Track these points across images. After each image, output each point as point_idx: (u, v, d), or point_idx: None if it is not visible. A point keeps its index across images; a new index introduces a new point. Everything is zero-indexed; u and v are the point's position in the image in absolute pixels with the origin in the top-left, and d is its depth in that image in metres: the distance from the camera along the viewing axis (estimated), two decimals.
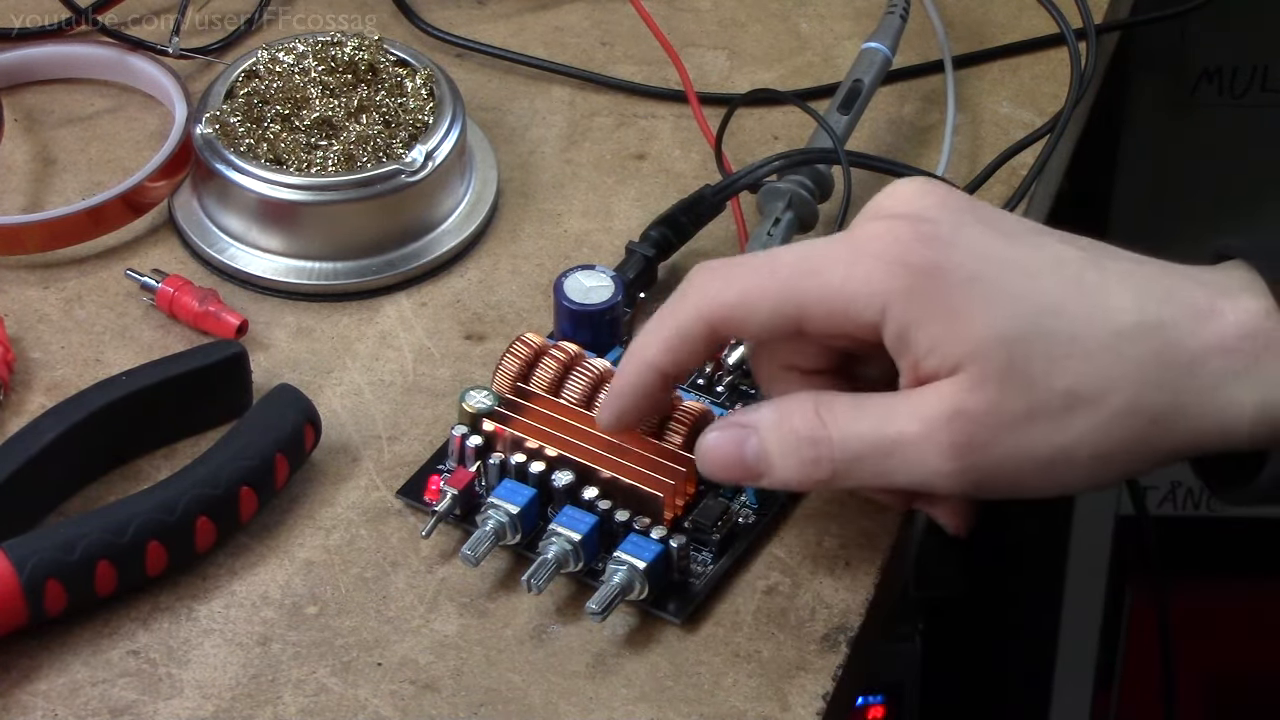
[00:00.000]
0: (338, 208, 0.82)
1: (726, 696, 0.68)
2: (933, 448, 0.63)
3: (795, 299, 0.64)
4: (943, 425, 0.63)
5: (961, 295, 0.63)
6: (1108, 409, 0.62)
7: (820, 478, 0.65)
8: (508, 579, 0.72)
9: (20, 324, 0.81)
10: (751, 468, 0.67)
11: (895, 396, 0.64)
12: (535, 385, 0.74)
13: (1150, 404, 0.63)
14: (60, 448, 0.73)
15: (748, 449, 0.66)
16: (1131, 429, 0.63)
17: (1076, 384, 0.62)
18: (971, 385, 0.62)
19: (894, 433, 0.64)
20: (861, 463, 0.65)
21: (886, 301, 0.63)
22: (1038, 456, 0.63)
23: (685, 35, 0.95)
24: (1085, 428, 0.63)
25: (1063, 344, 0.63)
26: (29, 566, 0.68)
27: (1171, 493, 1.43)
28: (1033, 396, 0.62)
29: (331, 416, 0.77)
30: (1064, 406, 0.62)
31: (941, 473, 0.64)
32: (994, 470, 0.63)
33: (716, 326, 0.66)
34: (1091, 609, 1.45)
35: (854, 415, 0.65)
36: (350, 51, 0.85)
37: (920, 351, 0.63)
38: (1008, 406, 0.62)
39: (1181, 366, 0.63)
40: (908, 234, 0.63)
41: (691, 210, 0.82)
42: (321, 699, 0.68)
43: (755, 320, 0.65)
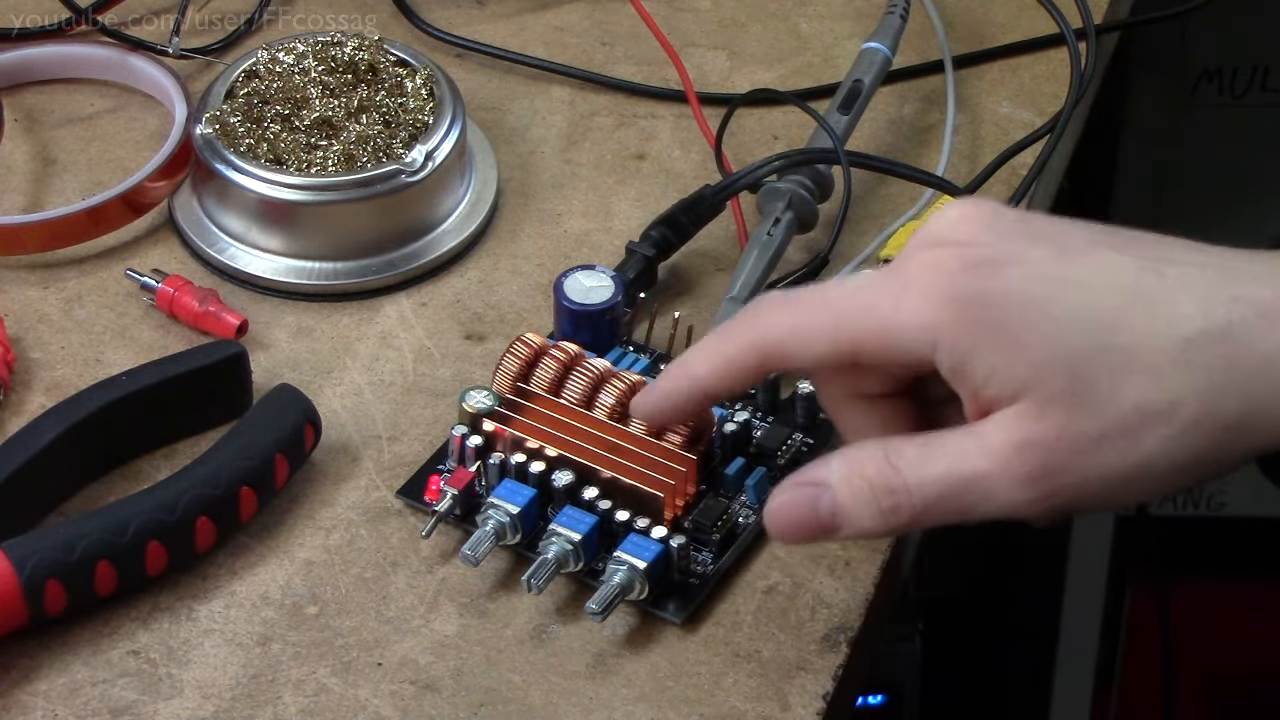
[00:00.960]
0: (338, 208, 0.82)
1: (726, 696, 0.68)
2: (1008, 481, 0.62)
3: (849, 335, 0.64)
4: (1014, 456, 0.62)
5: (1015, 321, 0.62)
6: (1180, 422, 0.61)
7: (899, 524, 0.64)
8: (508, 579, 0.72)
9: (20, 324, 0.81)
10: (827, 525, 0.65)
11: (964, 433, 0.63)
12: (535, 385, 0.74)
13: (1224, 412, 0.61)
14: (60, 448, 0.73)
15: (821, 507, 0.65)
16: (1208, 438, 0.61)
17: (1144, 400, 0.61)
18: (1037, 412, 0.61)
19: (968, 471, 0.63)
20: (940, 503, 0.63)
21: (937, 336, 0.62)
22: (1114, 475, 0.62)
23: (685, 35, 0.95)
24: (1159, 442, 0.61)
25: (1126, 359, 0.61)
26: (29, 566, 0.68)
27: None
28: (1101, 417, 0.61)
29: (331, 416, 0.77)
30: (1136, 424, 0.61)
31: (1020, 503, 0.62)
32: (1073, 492, 0.62)
33: (768, 357, 0.65)
34: (1091, 609, 1.45)
35: (925, 458, 0.63)
36: (350, 51, 0.85)
37: (979, 381, 0.62)
38: (1077, 429, 0.61)
39: (1253, 370, 0.61)
40: (953, 263, 0.62)
41: (691, 210, 0.82)
42: (321, 699, 0.68)
43: (809, 354, 0.65)
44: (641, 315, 0.79)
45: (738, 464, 0.74)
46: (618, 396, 0.73)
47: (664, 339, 0.79)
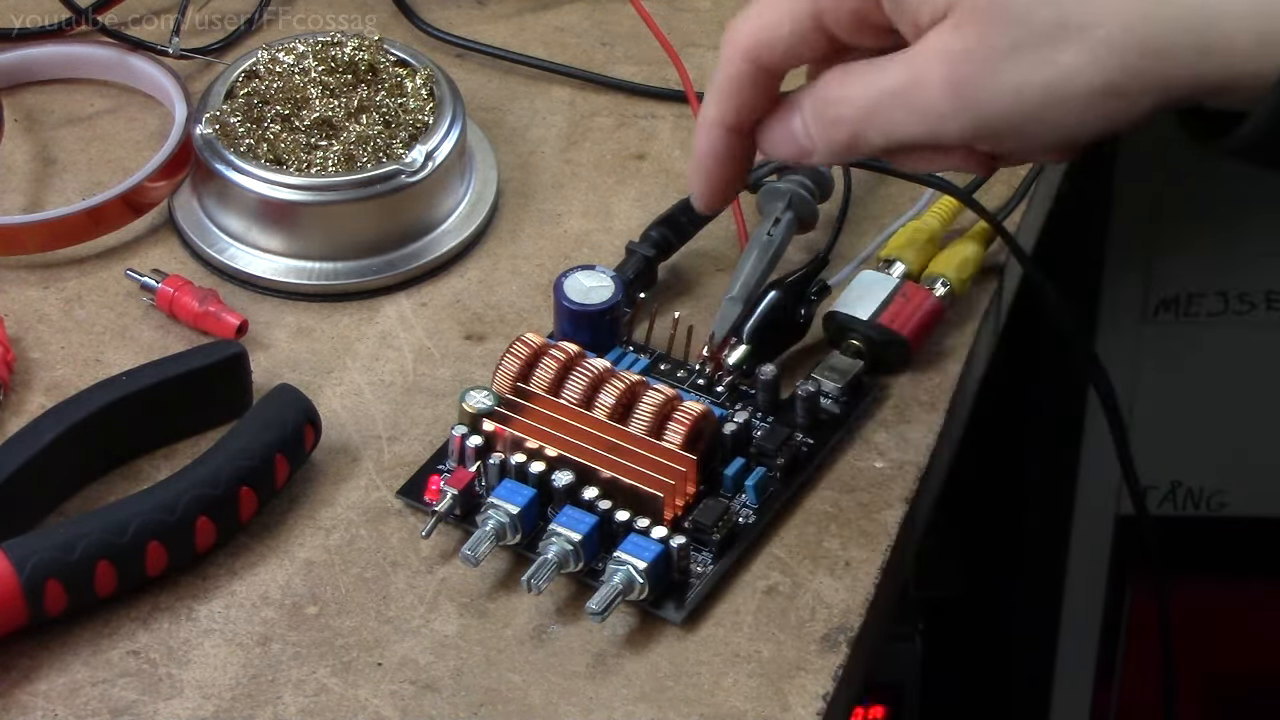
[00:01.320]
0: (338, 208, 0.82)
1: (726, 696, 0.68)
2: (928, 90, 0.63)
3: (804, 2, 0.65)
4: (934, 66, 0.63)
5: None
6: (1094, 39, 0.61)
7: (843, 138, 0.66)
8: (508, 579, 0.72)
9: (20, 324, 0.81)
10: (799, 142, 0.67)
11: (901, 52, 0.64)
12: (535, 385, 0.74)
13: (1141, 34, 0.61)
14: (60, 448, 0.73)
15: (794, 125, 0.67)
16: (1122, 61, 0.61)
17: (1063, 15, 0.61)
18: (957, 25, 0.62)
19: (892, 83, 0.64)
20: (875, 117, 0.65)
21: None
22: (1029, 92, 0.62)
23: (685, 35, 0.95)
24: (1074, 59, 0.61)
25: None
26: (29, 566, 0.68)
27: (1171, 493, 1.42)
28: (1018, 30, 0.62)
29: (331, 416, 0.77)
30: (1050, 38, 0.61)
31: (942, 114, 0.63)
32: (991, 109, 0.63)
33: (755, 57, 0.67)
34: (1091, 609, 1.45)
35: (865, 71, 0.65)
36: (350, 51, 0.85)
37: (912, 7, 0.63)
38: (993, 41, 0.62)
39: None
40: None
41: (691, 210, 0.82)
42: (321, 699, 0.68)
43: (781, 36, 0.66)
44: (641, 315, 0.79)
45: (737, 464, 0.74)
46: (617, 396, 0.73)
47: (664, 339, 0.79)
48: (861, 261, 0.82)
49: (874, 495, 0.75)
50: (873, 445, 0.77)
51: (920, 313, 0.79)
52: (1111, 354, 1.24)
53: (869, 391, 0.78)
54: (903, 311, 0.79)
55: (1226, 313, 1.25)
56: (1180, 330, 1.26)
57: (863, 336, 0.79)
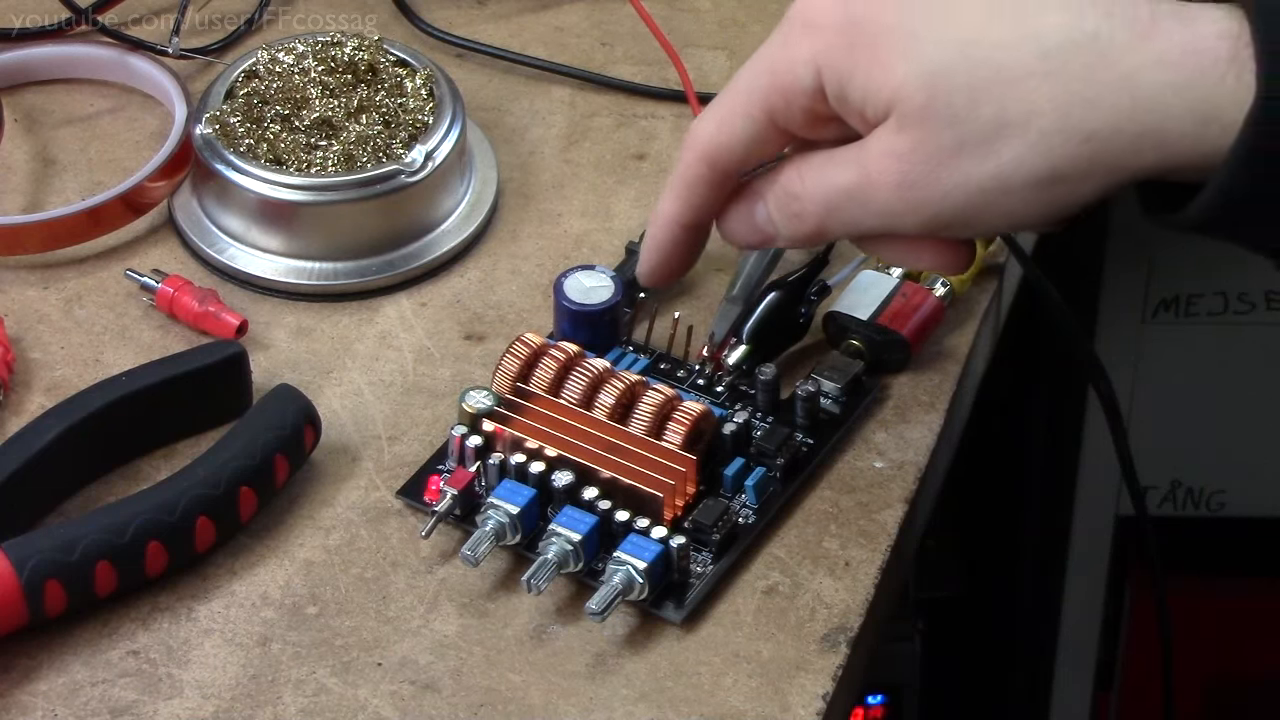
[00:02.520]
0: (338, 208, 0.82)
1: (726, 696, 0.68)
2: (879, 190, 0.64)
3: (756, 100, 0.66)
4: (881, 167, 0.64)
5: (883, 42, 0.63)
6: (1035, 131, 0.62)
7: (807, 231, 0.67)
8: (508, 579, 0.72)
9: (20, 324, 0.81)
10: (763, 230, 0.68)
11: (853, 146, 0.65)
12: (535, 385, 0.74)
13: (1081, 123, 0.61)
14: (60, 448, 0.73)
15: (758, 215, 0.68)
16: (1065, 150, 0.62)
17: (1001, 110, 0.62)
18: (899, 125, 0.63)
19: (846, 179, 0.65)
20: (835, 212, 0.66)
21: (818, 65, 0.64)
22: (973, 187, 0.63)
23: (685, 35, 0.95)
24: (1015, 153, 0.62)
25: (987, 72, 0.62)
26: (29, 566, 0.68)
27: (1171, 493, 1.42)
28: (959, 129, 0.62)
29: (331, 416, 0.77)
30: (991, 134, 0.62)
31: (895, 212, 0.64)
32: (941, 205, 0.64)
33: (713, 160, 0.68)
34: (1091, 609, 1.45)
35: (821, 167, 0.66)
36: (350, 52, 0.85)
37: (857, 105, 0.64)
38: (935, 141, 0.63)
39: (1114, 82, 0.61)
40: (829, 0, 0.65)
41: None
42: (321, 699, 0.68)
43: (737, 137, 0.67)
44: (641, 315, 0.79)
45: (737, 464, 0.74)
46: (617, 397, 0.73)
47: (664, 339, 0.79)
48: (861, 261, 0.82)
49: (874, 495, 0.75)
50: (873, 445, 0.77)
51: (920, 313, 0.79)
52: (1111, 354, 1.24)
53: (869, 391, 0.78)
54: (903, 311, 0.79)
55: (1226, 313, 1.25)
56: (1180, 330, 1.26)
57: (863, 336, 0.79)
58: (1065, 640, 1.47)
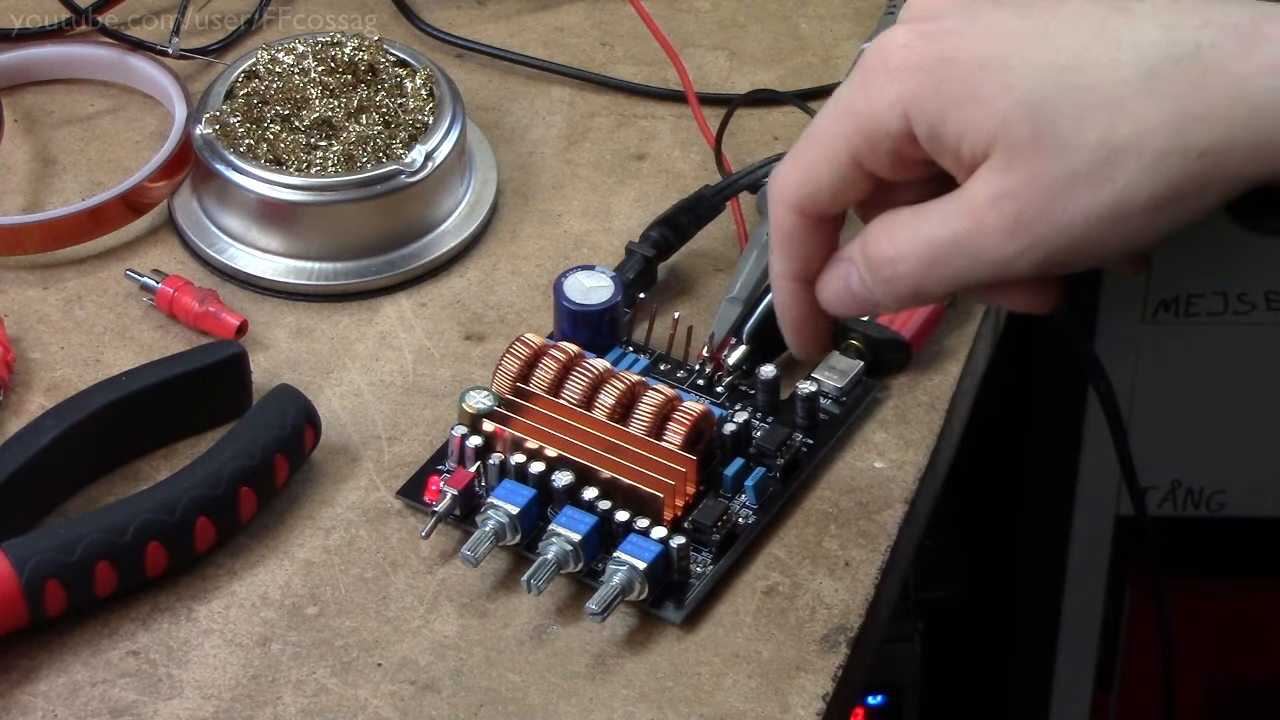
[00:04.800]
0: (338, 208, 0.82)
1: (726, 697, 0.68)
2: (988, 238, 0.61)
3: (840, 144, 0.64)
4: (989, 211, 0.61)
5: (976, 78, 0.61)
6: (1150, 152, 0.60)
7: (906, 293, 0.64)
8: (508, 579, 0.72)
9: (20, 324, 0.81)
10: (861, 298, 0.65)
11: (949, 196, 0.63)
12: (535, 385, 0.74)
13: (1195, 139, 0.60)
14: (60, 448, 0.73)
15: (853, 282, 0.65)
16: (1181, 168, 0.60)
17: (1111, 135, 0.60)
18: (1004, 163, 0.61)
19: (949, 232, 0.62)
20: (936, 268, 0.63)
21: (906, 108, 0.62)
22: (1092, 217, 0.61)
23: (685, 35, 0.95)
24: (1130, 176, 0.60)
25: (1090, 96, 0.60)
26: (29, 567, 0.68)
27: (1171, 493, 1.42)
28: (1069, 158, 0.60)
29: (331, 416, 0.77)
30: (1103, 160, 0.60)
31: (1007, 258, 0.62)
32: (1057, 241, 0.61)
33: (800, 208, 0.65)
34: (1091, 609, 1.45)
35: (914, 226, 0.63)
36: (350, 52, 0.85)
37: (953, 145, 0.62)
38: (1046, 174, 0.60)
39: (1225, 93, 0.59)
40: (910, 38, 0.62)
41: (691, 210, 0.82)
42: (321, 699, 0.68)
43: (824, 185, 0.65)
44: (641, 315, 0.79)
45: (737, 464, 0.74)
46: (617, 397, 0.73)
47: (664, 339, 0.79)
48: None
49: (874, 495, 0.75)
50: (873, 445, 0.77)
51: (920, 313, 0.79)
52: (1111, 354, 1.24)
53: (869, 391, 0.78)
54: (903, 312, 0.79)
55: (1226, 313, 1.25)
56: (1180, 330, 1.26)
57: (863, 336, 0.79)
58: (1065, 640, 1.47)
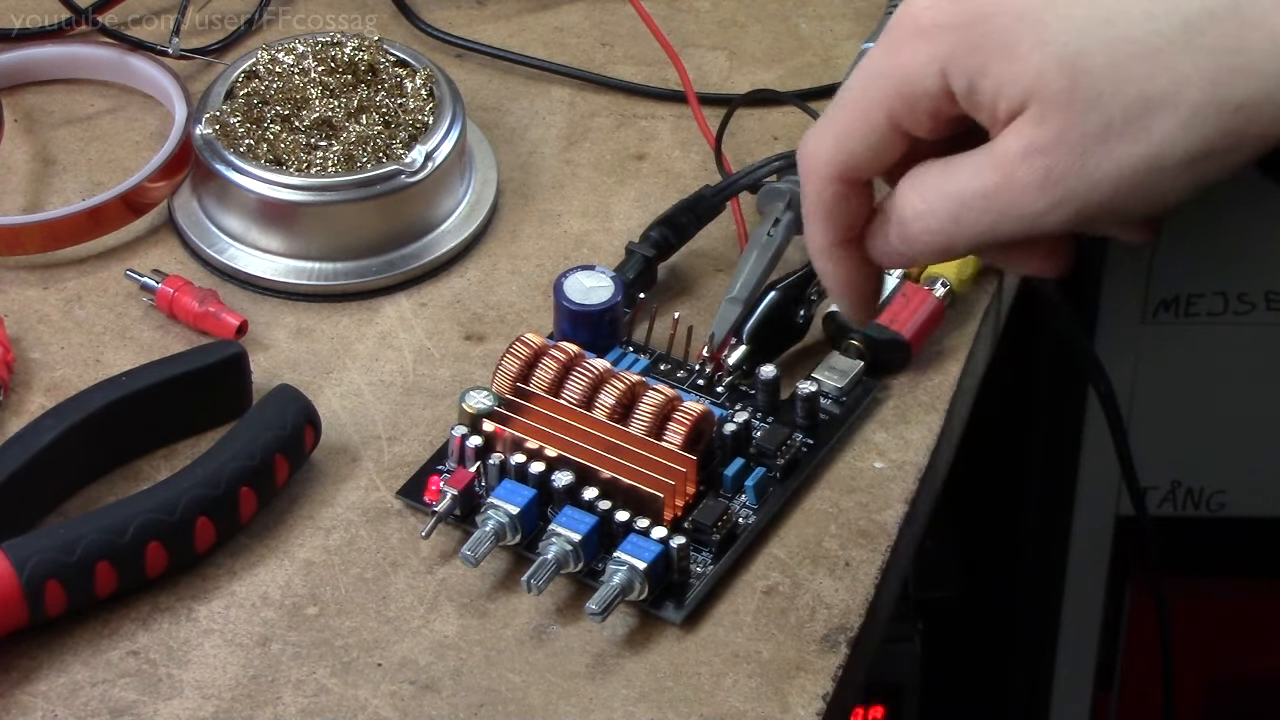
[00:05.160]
0: (338, 208, 0.82)
1: (726, 697, 0.68)
2: (1019, 191, 0.61)
3: (877, 108, 0.63)
4: (1021, 164, 0.60)
5: (1010, 32, 0.60)
6: (1187, 106, 0.59)
7: (938, 247, 0.63)
8: (508, 579, 0.72)
9: (20, 324, 0.81)
10: (901, 252, 0.65)
11: (982, 149, 0.62)
12: (535, 386, 0.74)
13: (1232, 92, 0.59)
14: (60, 448, 0.73)
15: (892, 239, 0.64)
16: (1218, 122, 0.59)
17: (1148, 87, 0.59)
18: (1040, 117, 0.60)
19: (978, 186, 0.62)
20: (964, 223, 0.62)
21: (943, 66, 0.61)
22: (1125, 171, 0.60)
23: (685, 35, 0.95)
24: (1167, 130, 0.59)
25: (1128, 48, 0.60)
26: (29, 567, 0.68)
27: (1171, 493, 1.42)
28: (1104, 111, 0.60)
29: (331, 417, 0.77)
30: (1139, 113, 0.59)
31: (1036, 213, 0.61)
32: (1089, 196, 0.61)
33: (842, 178, 0.64)
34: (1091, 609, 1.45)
35: (944, 179, 0.63)
36: (350, 52, 0.85)
37: (989, 101, 0.61)
38: (1080, 128, 0.60)
39: (1262, 47, 0.59)
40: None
41: (691, 210, 0.82)
42: (321, 699, 0.68)
43: (860, 150, 0.64)
44: (641, 315, 0.79)
45: (737, 464, 0.74)
46: (617, 397, 0.73)
47: (664, 339, 0.79)
48: None
49: (874, 495, 0.75)
50: (873, 445, 0.77)
51: (920, 313, 0.79)
52: (1111, 354, 1.24)
53: (869, 391, 0.78)
54: (903, 312, 0.79)
55: (1226, 313, 1.25)
56: (1180, 330, 1.26)
57: (863, 337, 0.79)
58: (1065, 640, 1.47)
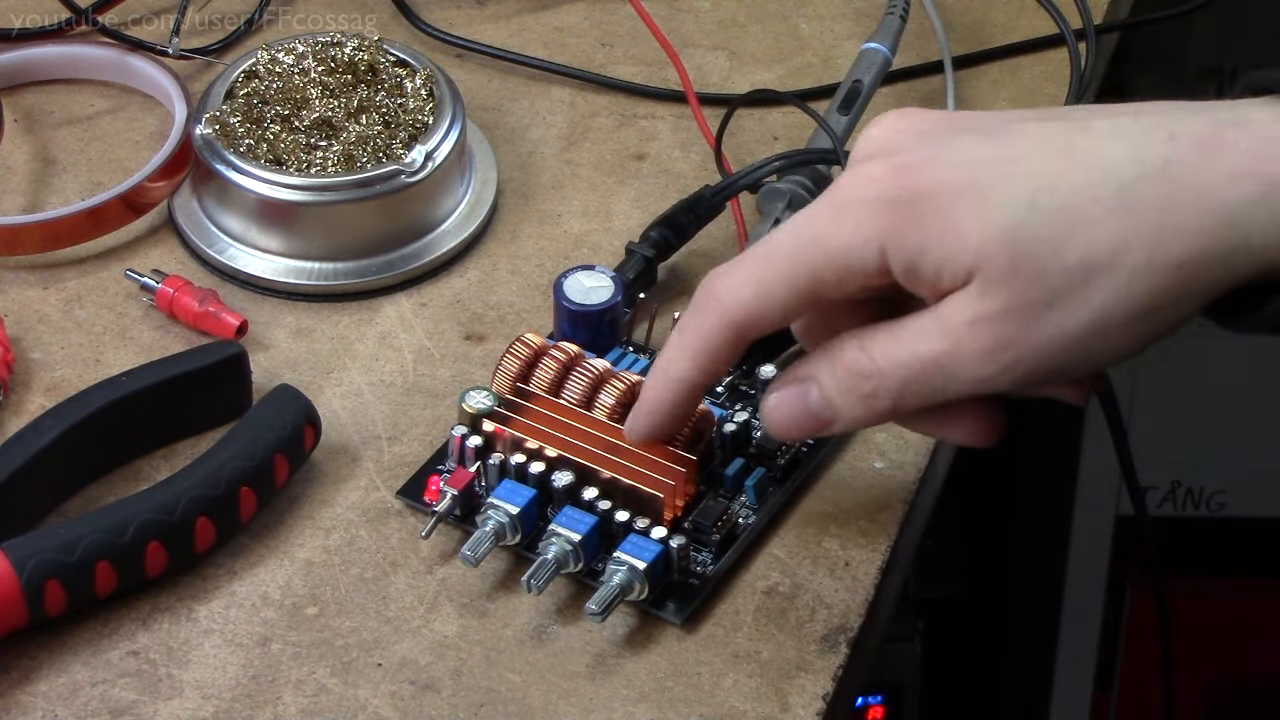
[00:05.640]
0: (338, 208, 0.82)
1: (726, 697, 0.68)
2: (967, 359, 0.62)
3: (804, 273, 0.64)
4: (968, 334, 0.62)
5: (951, 211, 0.62)
6: (1127, 269, 0.61)
7: (882, 409, 0.65)
8: (508, 579, 0.72)
9: (20, 324, 0.81)
10: (819, 416, 0.66)
11: (927, 314, 0.63)
12: (535, 386, 0.74)
13: (1171, 252, 0.60)
14: (60, 448, 0.73)
15: (811, 400, 0.66)
16: (1159, 281, 0.61)
17: (1088, 254, 0.61)
18: (984, 290, 0.61)
19: (929, 352, 0.63)
20: (913, 386, 0.64)
21: (882, 243, 0.62)
22: (1071, 334, 0.62)
23: (685, 35, 0.95)
24: (1109, 293, 0.61)
25: (1064, 219, 0.61)
26: (29, 567, 0.68)
27: (1171, 493, 1.43)
28: (1048, 281, 0.61)
29: (331, 417, 0.77)
30: (1082, 280, 0.61)
31: (985, 378, 0.63)
32: (1037, 359, 0.62)
33: (741, 329, 0.66)
34: (1091, 609, 1.45)
35: (894, 342, 0.64)
36: (350, 52, 0.85)
37: (930, 277, 0.62)
38: (1025, 298, 0.61)
39: (1196, 206, 0.60)
40: (883, 171, 0.63)
41: (691, 210, 0.82)
42: (321, 699, 0.68)
43: (775, 308, 0.65)
44: (641, 315, 0.79)
45: (737, 464, 0.74)
46: (617, 397, 0.73)
47: (664, 339, 0.79)
48: None
49: (874, 495, 0.75)
50: (873, 445, 0.77)
51: None
52: None
53: None
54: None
55: None
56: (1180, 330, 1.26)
57: None
58: (1065, 640, 1.47)
